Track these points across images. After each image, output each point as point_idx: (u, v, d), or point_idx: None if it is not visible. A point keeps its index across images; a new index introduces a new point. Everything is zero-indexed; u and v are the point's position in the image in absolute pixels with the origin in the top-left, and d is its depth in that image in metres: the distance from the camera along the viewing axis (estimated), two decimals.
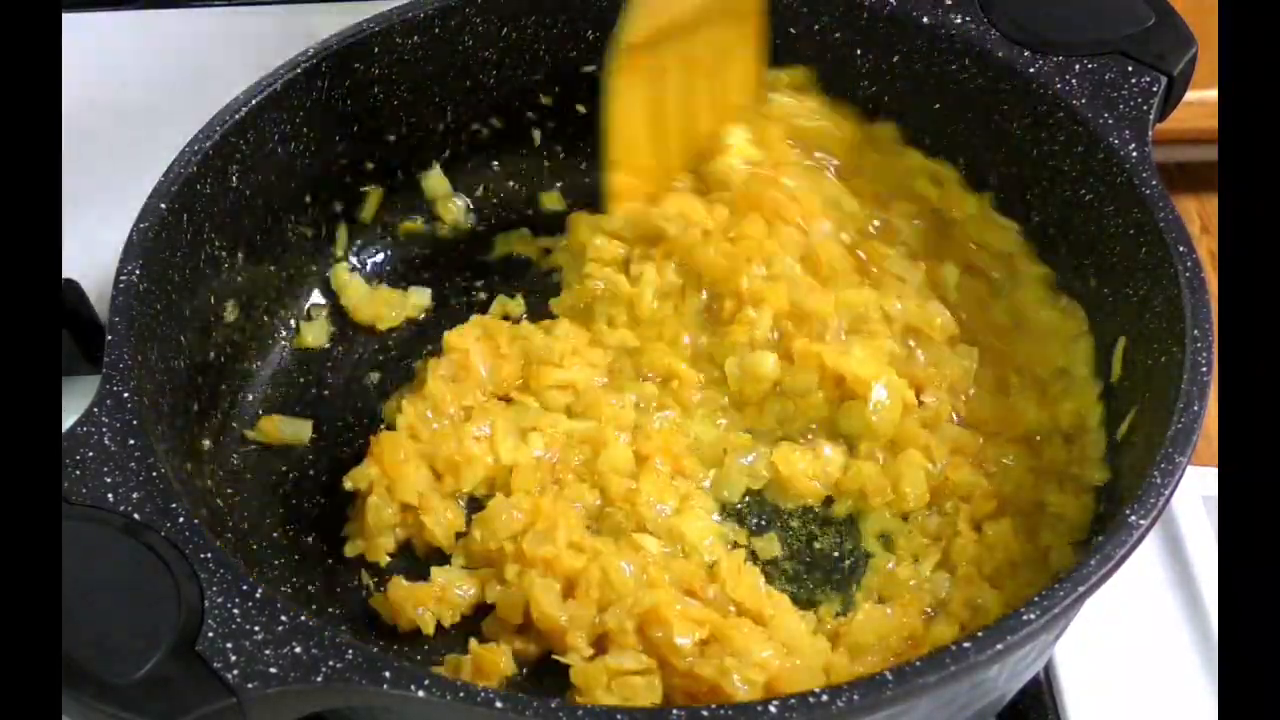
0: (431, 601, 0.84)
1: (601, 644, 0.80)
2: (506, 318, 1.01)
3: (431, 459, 0.89)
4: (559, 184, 1.10)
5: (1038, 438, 0.90)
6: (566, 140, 1.09)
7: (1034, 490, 0.88)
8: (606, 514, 0.88)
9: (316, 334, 1.00)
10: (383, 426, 0.93)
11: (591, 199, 1.10)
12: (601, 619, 0.80)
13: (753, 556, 0.88)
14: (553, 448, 0.91)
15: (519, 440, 0.91)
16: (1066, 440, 0.89)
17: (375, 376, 0.99)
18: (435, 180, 1.06)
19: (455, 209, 1.07)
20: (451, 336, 0.96)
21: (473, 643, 0.81)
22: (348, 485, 0.88)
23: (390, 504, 0.87)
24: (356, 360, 1.00)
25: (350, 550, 0.88)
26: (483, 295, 1.04)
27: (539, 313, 1.00)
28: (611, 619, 0.79)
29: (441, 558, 0.88)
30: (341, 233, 1.03)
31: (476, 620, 0.85)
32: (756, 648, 0.78)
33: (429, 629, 0.83)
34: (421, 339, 1.01)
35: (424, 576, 0.85)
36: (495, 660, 0.80)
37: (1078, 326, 0.91)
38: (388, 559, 0.88)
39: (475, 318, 0.99)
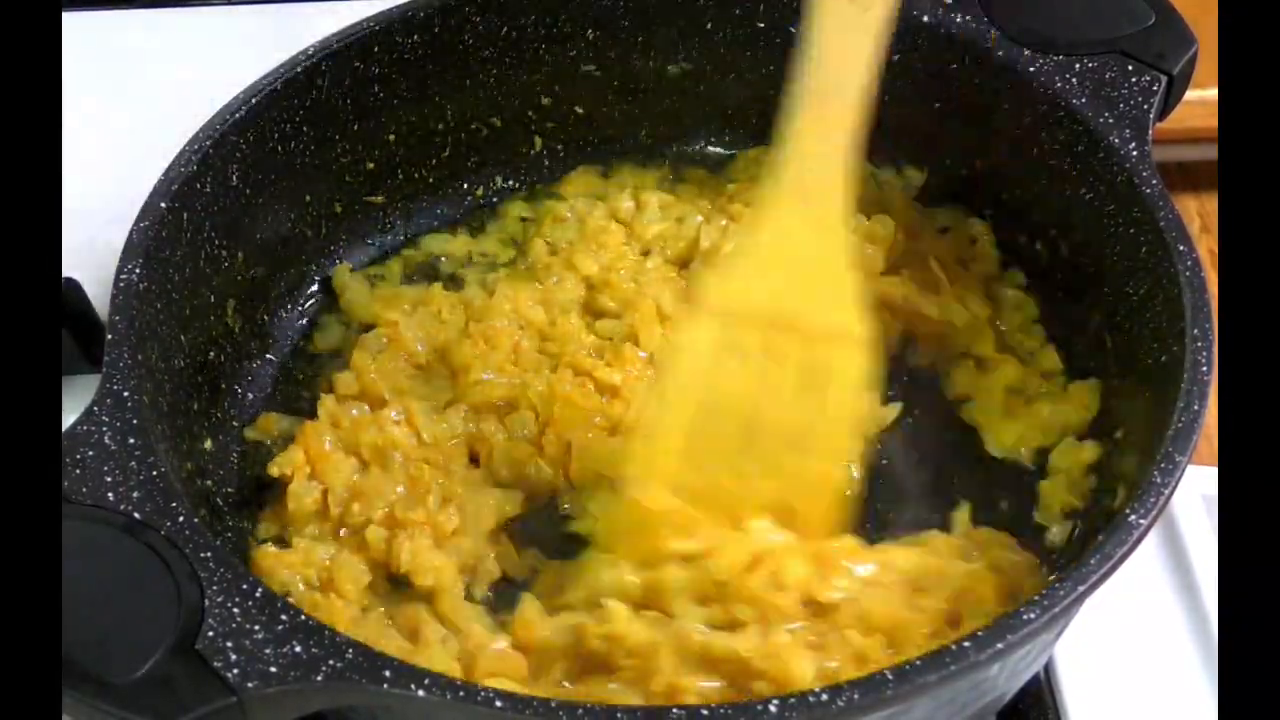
0: (299, 565, 0.82)
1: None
2: None
3: (355, 447, 0.88)
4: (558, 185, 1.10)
5: None
6: (566, 140, 1.09)
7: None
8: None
9: (329, 339, 1.00)
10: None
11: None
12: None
13: None
14: (471, 420, 0.90)
15: (439, 417, 0.90)
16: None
17: None
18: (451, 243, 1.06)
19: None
20: (377, 307, 0.96)
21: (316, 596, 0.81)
22: (273, 471, 0.86)
23: (312, 492, 0.86)
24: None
25: (263, 532, 0.87)
26: None
27: None
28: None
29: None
30: (342, 233, 1.03)
31: None
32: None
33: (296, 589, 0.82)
34: None
35: None
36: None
37: None
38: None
39: (410, 288, 1.00)
